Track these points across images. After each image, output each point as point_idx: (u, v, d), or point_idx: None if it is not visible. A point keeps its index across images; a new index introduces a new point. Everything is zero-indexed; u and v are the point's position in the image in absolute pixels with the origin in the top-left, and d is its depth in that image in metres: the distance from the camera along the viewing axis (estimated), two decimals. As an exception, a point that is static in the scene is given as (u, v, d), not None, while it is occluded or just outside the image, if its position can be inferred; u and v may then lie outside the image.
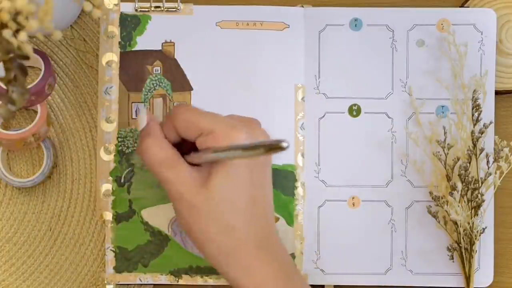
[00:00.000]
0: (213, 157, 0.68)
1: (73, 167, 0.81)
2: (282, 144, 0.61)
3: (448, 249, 0.79)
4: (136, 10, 0.80)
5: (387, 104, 0.81)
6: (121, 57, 0.79)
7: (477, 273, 0.80)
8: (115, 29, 0.79)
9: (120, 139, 0.79)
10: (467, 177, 0.77)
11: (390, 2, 0.83)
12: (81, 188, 0.81)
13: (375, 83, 0.81)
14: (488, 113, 0.79)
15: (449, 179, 0.78)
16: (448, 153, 0.78)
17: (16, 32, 0.59)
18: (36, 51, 0.78)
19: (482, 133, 0.78)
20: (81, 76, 0.82)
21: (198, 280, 0.79)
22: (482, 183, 0.78)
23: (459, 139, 0.78)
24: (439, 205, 0.78)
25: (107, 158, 0.79)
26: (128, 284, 0.80)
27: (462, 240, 0.78)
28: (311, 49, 0.80)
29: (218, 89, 0.79)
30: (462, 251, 0.78)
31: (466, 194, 0.77)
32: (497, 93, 0.81)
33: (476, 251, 0.79)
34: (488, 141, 0.79)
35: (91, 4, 0.63)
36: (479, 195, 0.77)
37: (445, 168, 0.78)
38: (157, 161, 0.70)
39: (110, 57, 0.79)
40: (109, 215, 0.79)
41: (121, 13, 0.80)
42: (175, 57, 0.80)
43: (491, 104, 0.80)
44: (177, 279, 0.79)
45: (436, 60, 0.80)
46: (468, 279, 0.79)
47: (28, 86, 0.76)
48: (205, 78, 0.79)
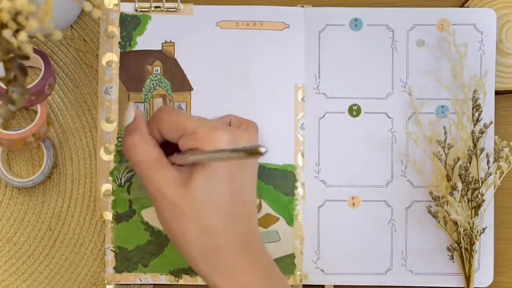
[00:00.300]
0: (194, 159, 0.69)
1: (73, 167, 0.81)
2: (260, 150, 0.62)
3: (448, 249, 0.79)
4: (136, 10, 0.80)
5: (387, 104, 0.81)
6: (121, 57, 0.79)
7: (477, 273, 0.80)
8: (115, 29, 0.79)
9: (120, 139, 0.79)
10: (467, 177, 0.77)
11: (390, 2, 0.83)
12: (81, 188, 0.81)
13: (375, 83, 0.81)
14: (488, 113, 0.79)
15: (449, 179, 0.78)
16: (448, 153, 0.78)
17: (16, 32, 0.59)
18: (36, 51, 0.78)
19: (482, 133, 0.78)
20: (81, 76, 0.82)
21: (198, 280, 0.79)
22: (482, 183, 0.78)
23: (459, 139, 0.78)
24: (439, 205, 0.78)
25: (107, 158, 0.79)
26: (128, 284, 0.80)
27: (462, 240, 0.78)
28: (311, 49, 0.80)
29: (218, 89, 0.79)
30: (462, 251, 0.78)
31: (466, 194, 0.77)
32: (497, 93, 0.81)
33: (476, 251, 0.79)
34: (488, 141, 0.79)
35: (91, 4, 0.63)
36: (479, 195, 0.77)
37: (445, 168, 0.78)
38: (141, 158, 0.70)
39: (110, 57, 0.79)
40: (109, 215, 0.79)
41: (121, 13, 0.80)
42: (175, 57, 0.80)
43: (491, 104, 0.80)
44: (177, 279, 0.79)
45: (436, 60, 0.80)
46: (468, 279, 0.79)
47: (28, 86, 0.76)
48: (205, 78, 0.79)
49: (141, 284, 0.80)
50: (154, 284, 0.80)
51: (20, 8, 0.59)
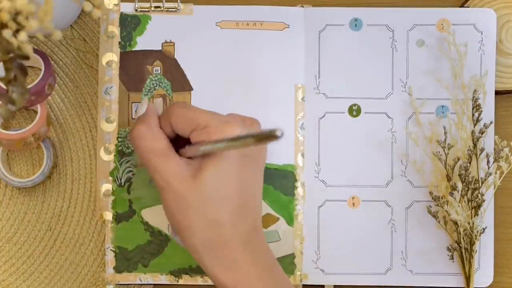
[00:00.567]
0: (205, 149, 0.68)
1: (73, 167, 0.81)
2: (275, 133, 0.56)
3: (448, 249, 0.79)
4: (136, 10, 0.80)
5: (387, 104, 0.81)
6: (121, 57, 0.79)
7: (477, 273, 0.80)
8: (115, 29, 0.79)
9: (120, 139, 0.79)
10: (467, 177, 0.77)
11: (390, 2, 0.83)
12: (81, 188, 0.81)
13: (375, 83, 0.81)
14: (488, 113, 0.79)
15: (449, 179, 0.78)
16: (448, 153, 0.78)
17: (16, 32, 0.59)
18: (36, 51, 0.78)
19: (482, 133, 0.78)
20: (81, 76, 0.82)
21: (198, 280, 0.79)
22: (482, 183, 0.78)
23: (459, 139, 0.78)
24: (439, 205, 0.78)
25: (107, 158, 0.79)
26: (128, 284, 0.80)
27: (462, 240, 0.78)
28: (311, 49, 0.80)
29: (218, 89, 0.79)
30: (462, 251, 0.78)
31: (466, 194, 0.77)
32: (497, 93, 0.81)
33: (476, 251, 0.79)
34: (488, 141, 0.79)
35: (91, 4, 0.63)
36: (479, 195, 0.77)
37: (445, 168, 0.78)
38: (148, 148, 0.70)
39: (110, 57, 0.79)
40: (109, 215, 0.79)
41: (121, 13, 0.80)
42: (175, 57, 0.80)
43: (491, 104, 0.80)
44: (177, 279, 0.79)
45: (436, 60, 0.80)
46: (468, 279, 0.79)
47: (28, 86, 0.76)
48: (205, 78, 0.79)
49: (141, 284, 0.80)
50: (154, 284, 0.80)
51: (20, 8, 0.59)
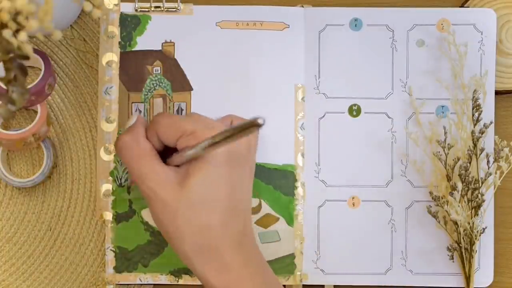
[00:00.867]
0: (191, 153, 0.68)
1: (73, 167, 0.81)
2: (257, 121, 0.57)
3: (448, 249, 0.79)
4: (136, 10, 0.80)
5: (387, 104, 0.81)
6: (121, 57, 0.79)
7: (477, 273, 0.80)
8: (115, 29, 0.79)
9: (120, 139, 0.79)
10: (467, 177, 0.77)
11: (390, 2, 0.83)
12: (81, 188, 0.81)
13: (375, 83, 0.81)
14: (488, 113, 0.79)
15: (449, 179, 0.78)
16: (448, 153, 0.78)
17: (16, 32, 0.59)
18: (36, 51, 0.78)
19: (482, 133, 0.78)
20: (81, 76, 0.82)
21: (198, 280, 0.79)
22: (482, 183, 0.78)
23: (459, 139, 0.78)
24: (439, 205, 0.78)
25: (107, 158, 0.79)
26: (128, 284, 0.80)
27: (462, 240, 0.78)
28: (311, 49, 0.80)
29: (218, 89, 0.79)
30: (462, 251, 0.78)
31: (466, 194, 0.77)
32: (497, 93, 0.81)
33: (476, 251, 0.79)
34: (488, 141, 0.79)
35: (91, 4, 0.63)
36: (479, 195, 0.77)
37: (445, 168, 0.78)
38: (133, 157, 0.70)
39: (110, 57, 0.79)
40: (109, 215, 0.79)
41: (121, 13, 0.80)
42: (175, 57, 0.80)
43: (491, 104, 0.80)
44: (177, 279, 0.79)
45: (436, 60, 0.80)
46: (468, 279, 0.79)
47: (28, 86, 0.76)
48: (205, 78, 0.79)
49: (141, 284, 0.80)
50: (154, 284, 0.80)
51: (20, 8, 0.59)
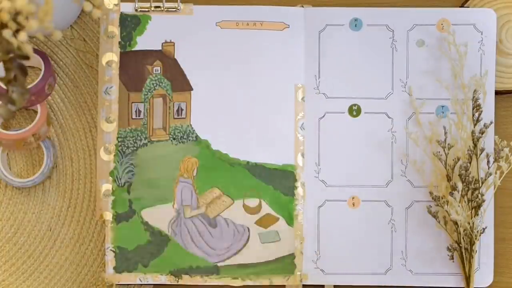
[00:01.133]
0: None
1: (73, 167, 0.81)
2: None
3: (448, 249, 0.79)
4: (136, 10, 0.80)
5: (387, 104, 0.81)
6: (121, 57, 0.79)
7: (477, 273, 0.80)
8: (115, 29, 0.79)
9: (120, 139, 0.79)
10: (467, 177, 0.76)
11: (390, 2, 0.83)
12: (81, 188, 0.81)
13: (375, 83, 0.81)
14: (488, 113, 0.79)
15: (449, 179, 0.78)
16: (448, 153, 0.78)
17: (16, 32, 0.59)
18: (36, 51, 0.78)
19: (482, 133, 0.78)
20: (81, 76, 0.82)
21: (198, 280, 0.79)
22: (482, 183, 0.78)
23: (459, 139, 0.78)
24: (439, 205, 0.78)
25: (107, 158, 0.79)
26: (128, 284, 0.80)
27: (462, 240, 0.78)
28: (311, 49, 0.80)
29: (218, 89, 0.79)
30: (462, 251, 0.78)
31: (466, 194, 0.77)
32: (497, 93, 0.81)
33: (476, 251, 0.79)
34: (488, 141, 0.79)
35: (91, 4, 0.63)
36: (480, 195, 0.77)
37: (445, 168, 0.78)
38: None
39: (110, 57, 0.79)
40: (109, 215, 0.79)
41: (121, 13, 0.80)
42: (175, 57, 0.80)
43: (491, 104, 0.80)
44: (177, 279, 0.79)
45: (436, 60, 0.80)
46: (468, 279, 0.79)
47: (28, 86, 0.76)
48: (205, 78, 0.79)
49: (141, 284, 0.80)
50: (154, 284, 0.80)
51: (20, 8, 0.59)
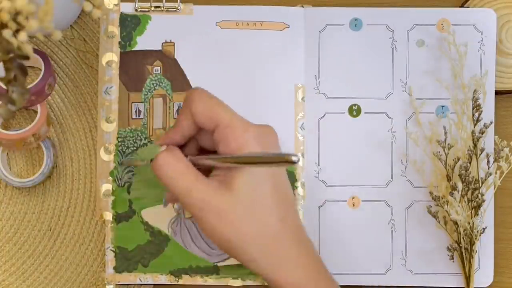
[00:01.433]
0: (223, 165, 0.69)
1: (73, 167, 0.81)
2: (291, 158, 0.65)
3: (448, 249, 0.79)
4: (136, 10, 0.80)
5: (387, 104, 0.81)
6: (121, 57, 0.79)
7: (477, 273, 0.80)
8: (115, 29, 0.79)
9: (120, 139, 0.79)
10: (467, 177, 0.76)
11: (390, 2, 0.83)
12: (81, 188, 0.81)
13: (375, 83, 0.81)
14: (488, 113, 0.79)
15: (449, 179, 0.78)
16: (448, 153, 0.78)
17: (16, 32, 0.59)
18: (36, 51, 0.78)
19: (482, 133, 0.78)
20: (81, 76, 0.82)
21: (198, 280, 0.79)
22: (482, 183, 0.78)
23: (459, 139, 0.78)
24: (439, 205, 0.78)
25: (107, 158, 0.79)
26: (128, 284, 0.80)
27: (462, 240, 0.78)
28: (311, 49, 0.80)
29: (218, 89, 0.79)
30: (462, 251, 0.78)
31: (467, 194, 0.77)
32: (497, 93, 0.81)
33: (476, 251, 0.79)
34: (488, 141, 0.79)
35: (91, 4, 0.63)
36: (480, 195, 0.77)
37: (445, 168, 0.78)
38: (176, 173, 0.69)
39: (110, 57, 0.79)
40: (109, 215, 0.79)
41: (121, 13, 0.80)
42: (175, 57, 0.80)
43: (491, 104, 0.80)
44: (177, 279, 0.79)
45: (436, 60, 0.80)
46: (468, 279, 0.79)
47: (28, 86, 0.76)
48: (205, 78, 0.79)
49: (141, 284, 0.80)
50: (154, 284, 0.80)
51: (20, 8, 0.59)
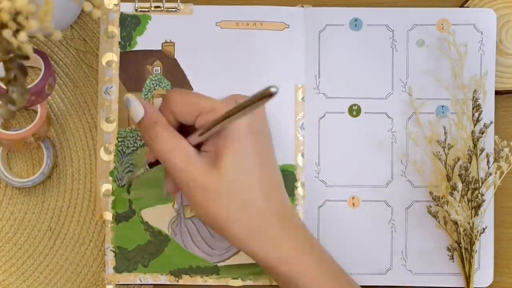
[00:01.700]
0: (213, 130, 0.69)
1: (73, 167, 0.81)
2: (270, 90, 0.63)
3: (448, 249, 0.79)
4: (136, 10, 0.80)
5: (387, 104, 0.81)
6: (121, 57, 0.79)
7: (477, 273, 0.80)
8: (115, 29, 0.79)
9: (120, 139, 0.79)
10: (467, 177, 0.76)
11: (390, 2, 0.83)
12: (81, 188, 0.81)
13: (375, 83, 0.81)
14: (488, 113, 0.79)
15: (449, 179, 0.78)
16: (448, 153, 0.78)
17: (16, 32, 0.59)
18: (36, 51, 0.78)
19: (482, 133, 0.78)
20: (81, 76, 0.82)
21: (198, 280, 0.79)
22: (482, 183, 0.78)
23: (459, 139, 0.78)
24: (439, 205, 0.78)
25: (107, 158, 0.79)
26: (128, 284, 0.80)
27: (462, 240, 0.78)
28: (311, 49, 0.80)
29: (218, 89, 0.79)
30: (462, 251, 0.78)
31: (467, 194, 0.77)
32: (497, 93, 0.81)
33: (476, 251, 0.79)
34: (488, 141, 0.79)
35: (91, 4, 0.63)
36: (479, 195, 0.77)
37: (445, 168, 0.78)
38: (167, 149, 0.70)
39: (110, 57, 0.79)
40: (109, 215, 0.79)
41: (121, 13, 0.80)
42: (175, 57, 0.80)
43: (491, 104, 0.80)
44: (177, 279, 0.79)
45: (436, 60, 0.80)
46: (468, 279, 0.79)
47: (28, 86, 0.76)
48: (205, 78, 0.79)
49: (141, 284, 0.80)
50: (154, 284, 0.80)
51: (20, 8, 0.59)
